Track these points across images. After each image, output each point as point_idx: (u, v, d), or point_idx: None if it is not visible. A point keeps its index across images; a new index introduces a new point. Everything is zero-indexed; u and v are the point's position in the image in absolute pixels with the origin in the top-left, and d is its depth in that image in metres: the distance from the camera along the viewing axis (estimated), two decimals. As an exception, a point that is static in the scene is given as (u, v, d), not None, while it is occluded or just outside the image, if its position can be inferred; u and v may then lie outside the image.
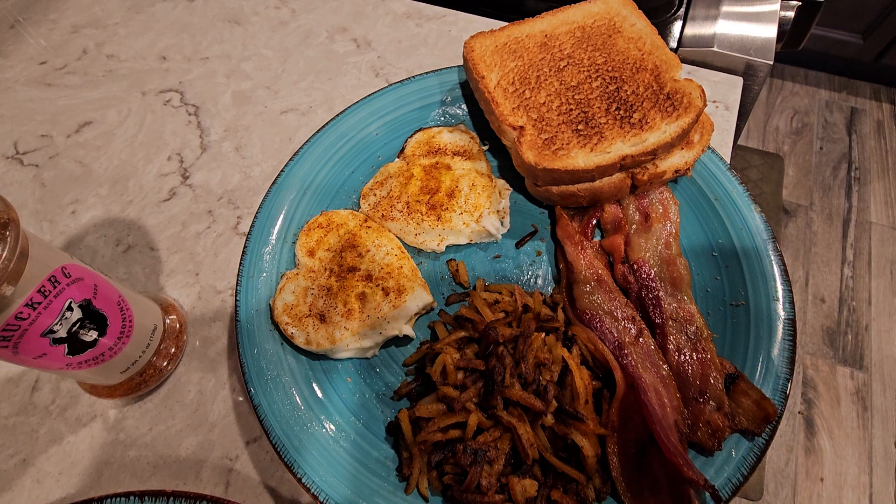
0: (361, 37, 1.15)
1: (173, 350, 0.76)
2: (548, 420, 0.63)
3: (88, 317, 0.60)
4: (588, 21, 0.92)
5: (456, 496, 0.62)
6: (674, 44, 1.07)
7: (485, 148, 0.91)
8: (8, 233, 0.49)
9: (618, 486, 0.63)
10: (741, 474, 0.63)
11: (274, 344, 0.73)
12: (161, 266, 0.87)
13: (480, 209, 0.81)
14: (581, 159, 0.77)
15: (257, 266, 0.78)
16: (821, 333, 2.37)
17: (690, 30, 1.07)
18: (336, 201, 0.87)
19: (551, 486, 0.63)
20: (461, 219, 0.81)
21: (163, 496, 0.59)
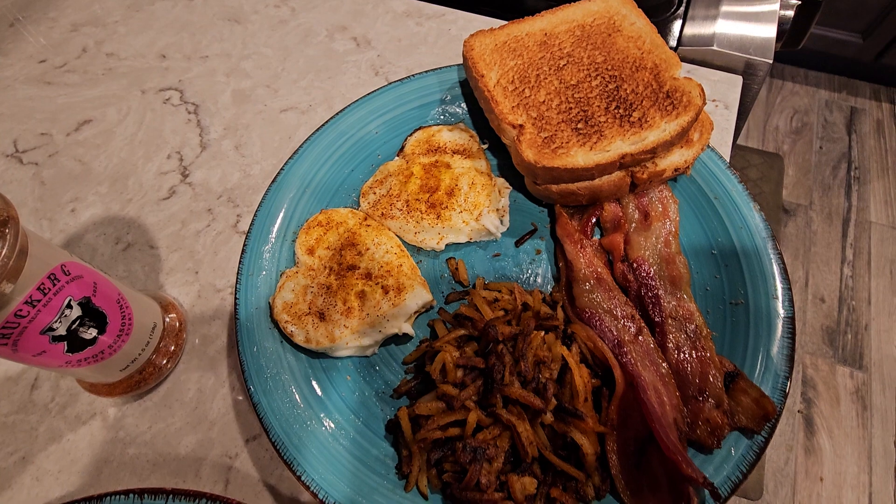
0: (361, 35, 1.15)
1: (173, 348, 0.76)
2: (547, 418, 0.63)
3: (88, 314, 0.60)
4: (588, 20, 0.92)
5: (455, 494, 0.62)
6: (673, 43, 1.07)
7: (484, 146, 0.91)
8: (7, 230, 0.49)
9: (617, 484, 0.63)
10: (740, 472, 0.63)
11: (273, 342, 0.73)
12: (161, 264, 0.87)
13: (480, 207, 0.81)
14: (581, 158, 0.77)
15: (257, 264, 0.78)
16: (820, 333, 2.37)
17: (690, 29, 1.07)
18: (336, 200, 0.87)
19: (551, 484, 0.63)
20: (461, 217, 0.81)
21: (162, 494, 0.59)
